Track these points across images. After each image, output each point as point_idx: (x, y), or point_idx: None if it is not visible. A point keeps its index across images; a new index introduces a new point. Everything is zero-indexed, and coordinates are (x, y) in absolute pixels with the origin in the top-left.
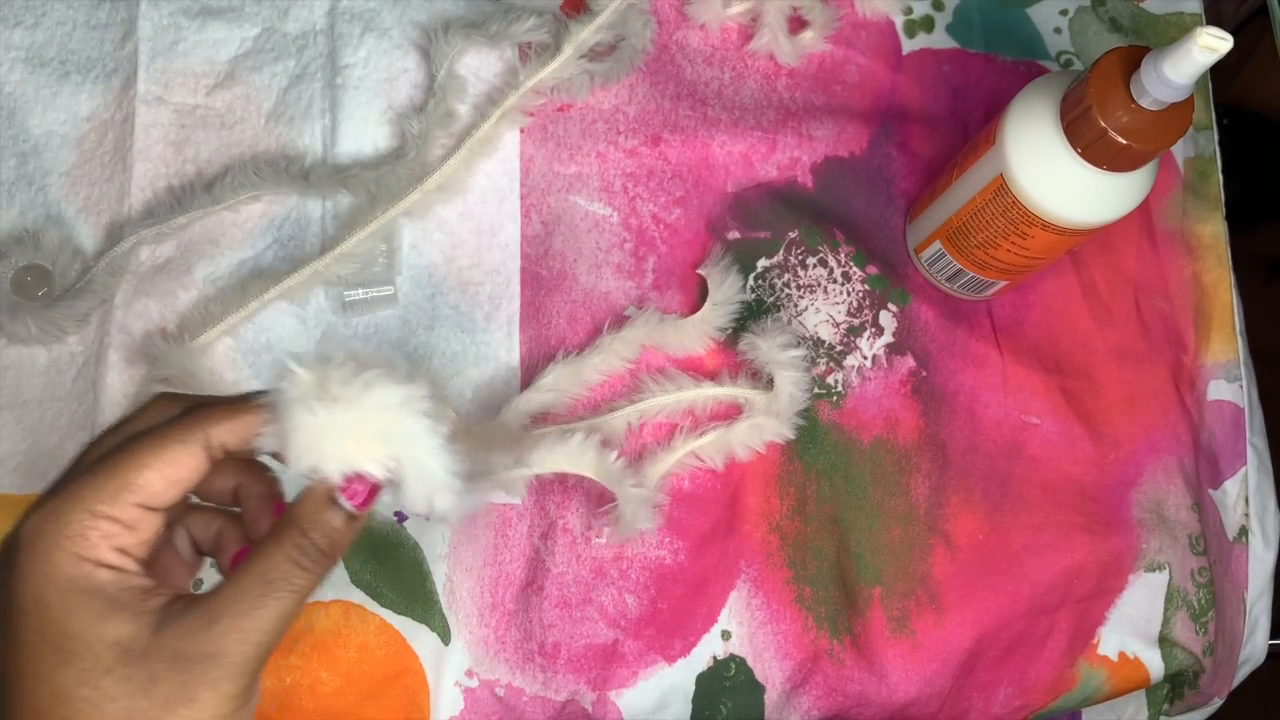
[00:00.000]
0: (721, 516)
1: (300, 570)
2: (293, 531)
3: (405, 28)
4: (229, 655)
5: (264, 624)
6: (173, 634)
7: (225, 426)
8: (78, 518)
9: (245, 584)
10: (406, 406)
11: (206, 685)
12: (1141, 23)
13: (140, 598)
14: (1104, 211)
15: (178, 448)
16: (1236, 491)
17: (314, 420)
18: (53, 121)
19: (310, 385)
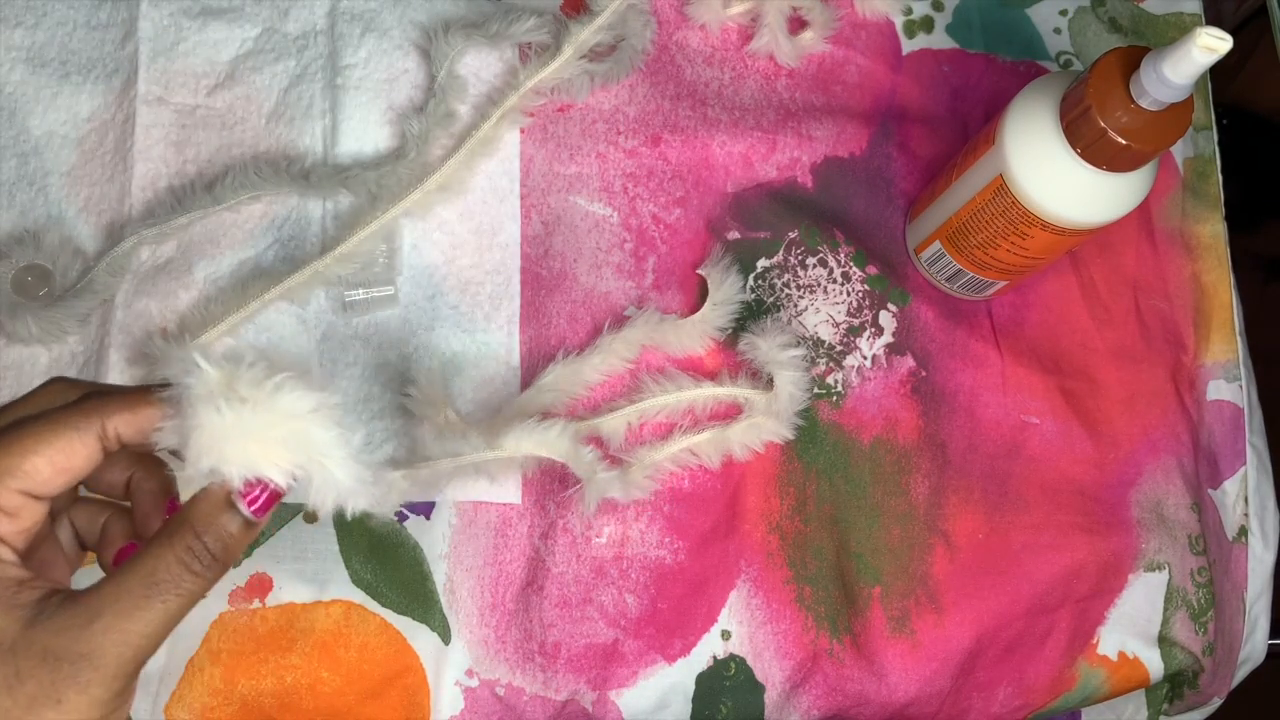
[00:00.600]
0: (721, 516)
1: (189, 574)
2: (185, 533)
3: (406, 28)
4: (104, 657)
5: (145, 626)
6: (45, 630)
7: (123, 417)
8: None
9: (129, 584)
10: (317, 414)
11: (76, 687)
12: (1141, 23)
13: (13, 590)
14: (1103, 212)
15: (70, 435)
16: (1236, 491)
17: (218, 420)
18: (53, 122)
19: (217, 383)
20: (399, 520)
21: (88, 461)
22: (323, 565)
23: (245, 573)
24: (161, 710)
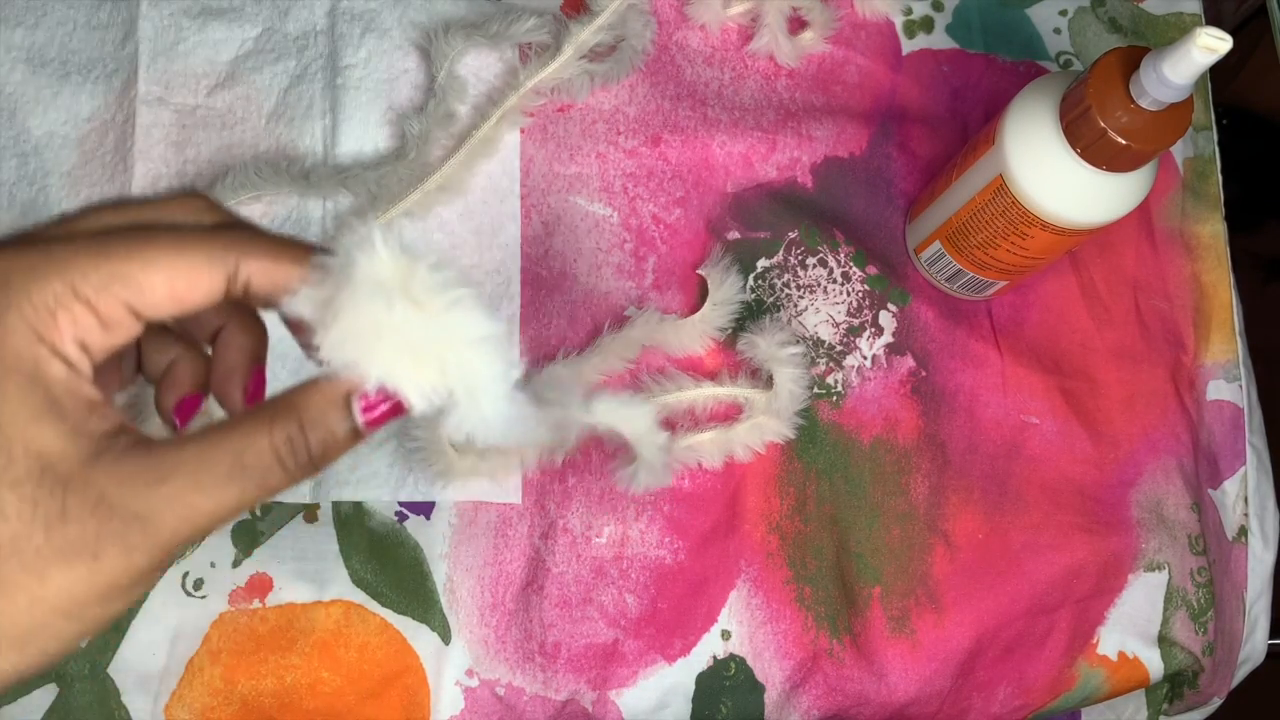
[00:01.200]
0: (721, 516)
1: (279, 467)
2: (289, 421)
3: (406, 28)
4: (162, 524)
5: (215, 507)
6: (107, 473)
7: (262, 263)
8: (53, 287)
9: (212, 456)
10: (486, 343)
11: (122, 547)
12: (1141, 23)
13: (84, 411)
14: (1103, 212)
15: (200, 261)
16: (1236, 491)
17: (379, 313)
18: (53, 122)
19: (390, 271)
20: (398, 520)
21: (207, 297)
22: (323, 565)
23: (245, 573)
24: (162, 710)
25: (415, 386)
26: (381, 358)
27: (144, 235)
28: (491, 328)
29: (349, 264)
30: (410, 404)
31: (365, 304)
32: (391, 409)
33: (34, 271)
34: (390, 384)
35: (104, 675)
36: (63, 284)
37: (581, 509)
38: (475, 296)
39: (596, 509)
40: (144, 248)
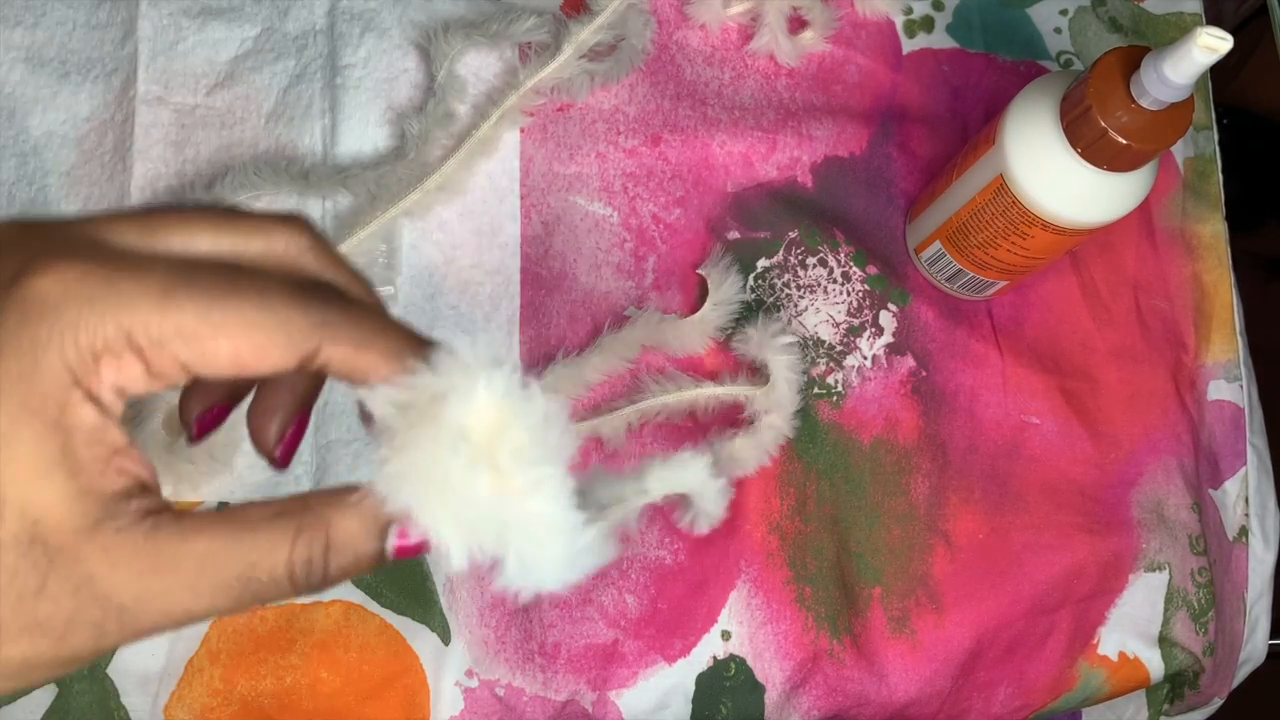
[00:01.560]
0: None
1: (288, 586)
2: (315, 540)
3: (405, 28)
4: (144, 618)
5: (206, 612)
6: (103, 552)
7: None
8: (105, 329)
9: (223, 562)
10: (560, 534)
11: (92, 634)
12: (1141, 22)
13: (100, 466)
14: (1104, 211)
15: (279, 338)
16: (1236, 491)
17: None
18: (53, 122)
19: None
20: None
21: (273, 370)
22: None
23: None
24: (161, 710)
25: (465, 550)
26: (438, 515)
27: (225, 287)
28: (570, 520)
29: (441, 399)
30: (456, 563)
31: (442, 454)
32: (422, 547)
33: (90, 306)
34: (443, 544)
35: (103, 676)
36: (117, 329)
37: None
38: (562, 478)
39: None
40: (220, 309)
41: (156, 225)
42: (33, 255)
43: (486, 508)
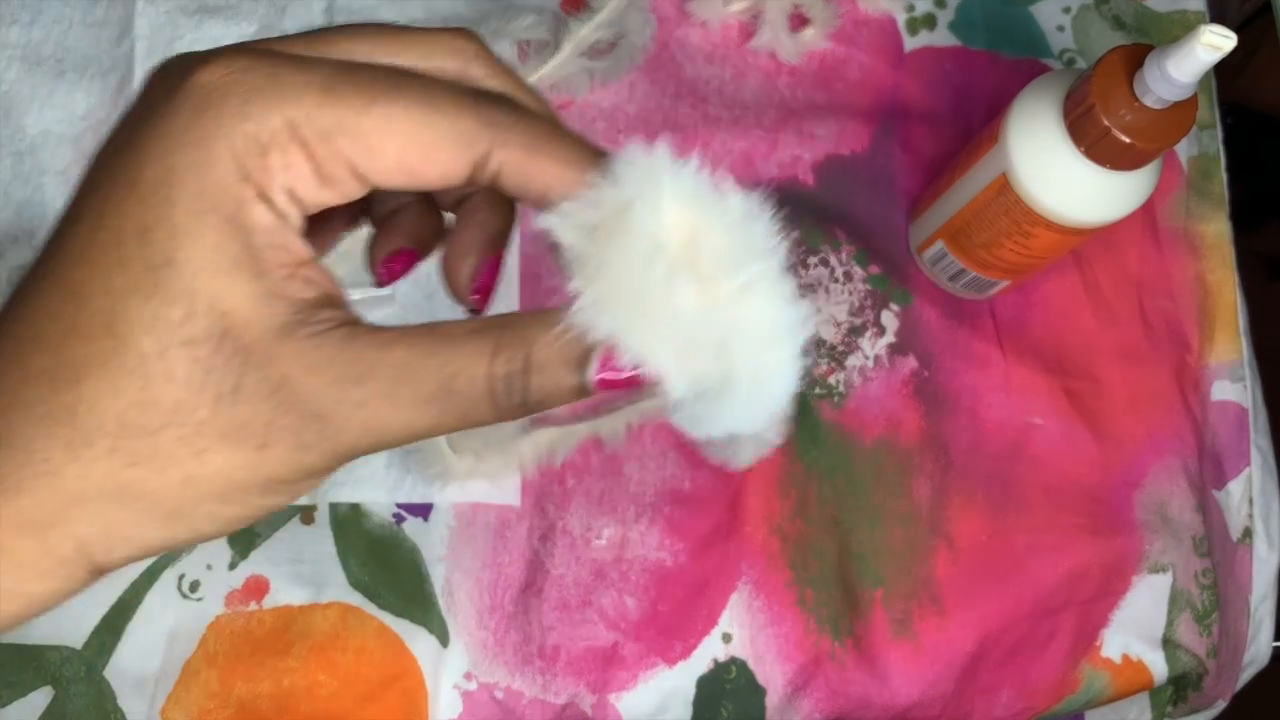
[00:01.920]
0: (722, 518)
1: (489, 404)
2: (515, 358)
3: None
4: (344, 432)
5: (407, 428)
6: (297, 355)
7: (521, 157)
8: (270, 120)
9: (420, 371)
10: (781, 336)
11: (293, 445)
12: (1145, 20)
13: (286, 272)
14: (1107, 211)
15: (446, 135)
16: (1240, 492)
17: (651, 286)
18: (49, 120)
19: (675, 233)
20: (396, 522)
21: (443, 178)
22: (320, 567)
23: (242, 575)
24: (158, 713)
25: (680, 374)
26: (645, 337)
27: (388, 84)
28: (791, 315)
29: (627, 207)
30: (668, 391)
31: (637, 269)
32: (632, 382)
33: (254, 95)
34: (654, 370)
35: (100, 678)
36: (282, 119)
37: (581, 511)
38: (776, 273)
39: (596, 511)
40: (385, 100)
41: (320, 38)
42: (203, 55)
43: (697, 322)
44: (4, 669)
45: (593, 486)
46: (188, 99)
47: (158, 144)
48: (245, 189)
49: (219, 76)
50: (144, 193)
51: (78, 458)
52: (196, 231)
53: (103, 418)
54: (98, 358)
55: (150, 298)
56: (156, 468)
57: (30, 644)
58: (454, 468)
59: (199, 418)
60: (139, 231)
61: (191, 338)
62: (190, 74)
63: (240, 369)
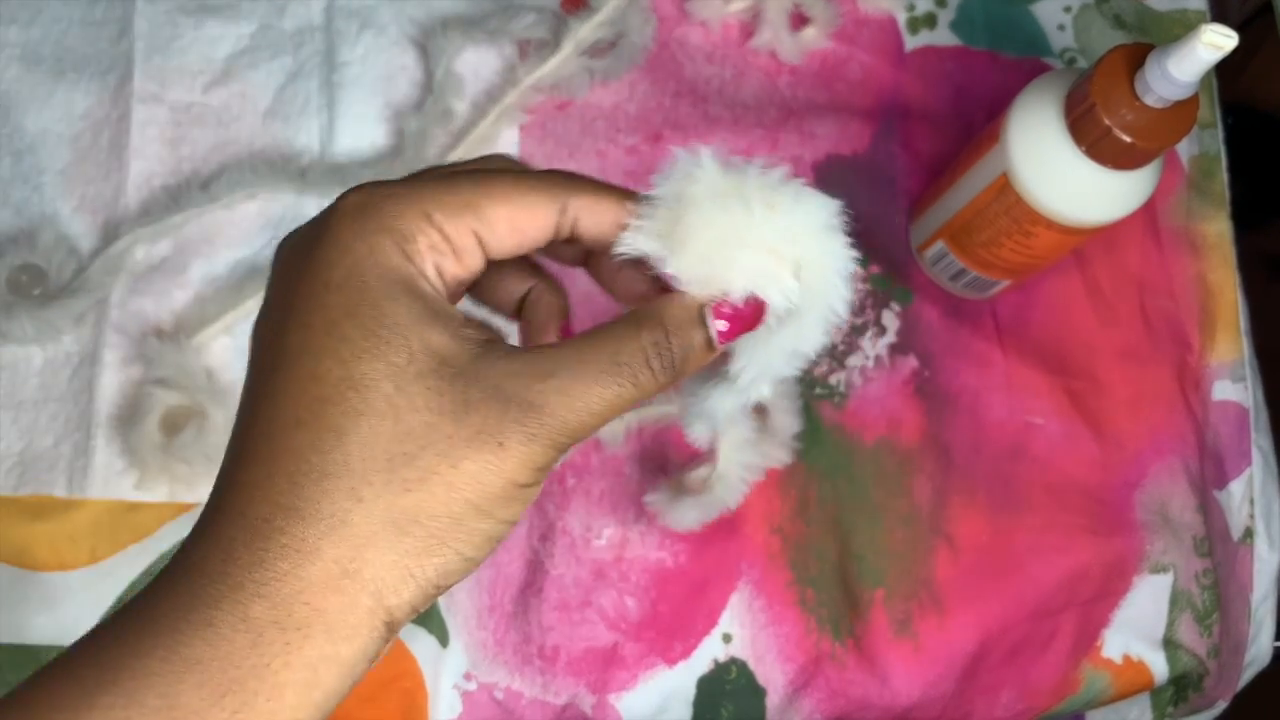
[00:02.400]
0: (722, 518)
1: (647, 369)
2: (656, 328)
3: (403, 24)
4: (556, 415)
5: (595, 402)
6: (495, 368)
7: (587, 201)
8: (412, 214)
9: (591, 355)
10: (834, 228)
11: (523, 435)
12: (1146, 20)
13: (458, 323)
14: (1108, 210)
15: (534, 197)
16: (1241, 492)
17: (733, 220)
18: (48, 119)
19: (722, 183)
20: None
21: (540, 233)
22: None
23: None
24: None
25: (778, 286)
26: (742, 264)
27: (485, 172)
28: (834, 207)
29: (687, 187)
30: (776, 304)
31: (717, 215)
32: (747, 319)
33: (395, 199)
34: (750, 291)
35: None
36: (419, 212)
37: (581, 511)
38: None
39: (596, 511)
40: (488, 183)
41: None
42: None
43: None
44: (3, 670)
45: (593, 486)
46: (345, 215)
47: (333, 251)
48: (410, 267)
49: (362, 197)
50: (339, 285)
51: (361, 499)
52: (392, 300)
53: (373, 457)
54: (352, 412)
55: (377, 355)
56: (426, 488)
57: (30, 644)
58: None
59: (447, 433)
60: (347, 314)
61: (420, 373)
62: (336, 204)
63: (464, 387)
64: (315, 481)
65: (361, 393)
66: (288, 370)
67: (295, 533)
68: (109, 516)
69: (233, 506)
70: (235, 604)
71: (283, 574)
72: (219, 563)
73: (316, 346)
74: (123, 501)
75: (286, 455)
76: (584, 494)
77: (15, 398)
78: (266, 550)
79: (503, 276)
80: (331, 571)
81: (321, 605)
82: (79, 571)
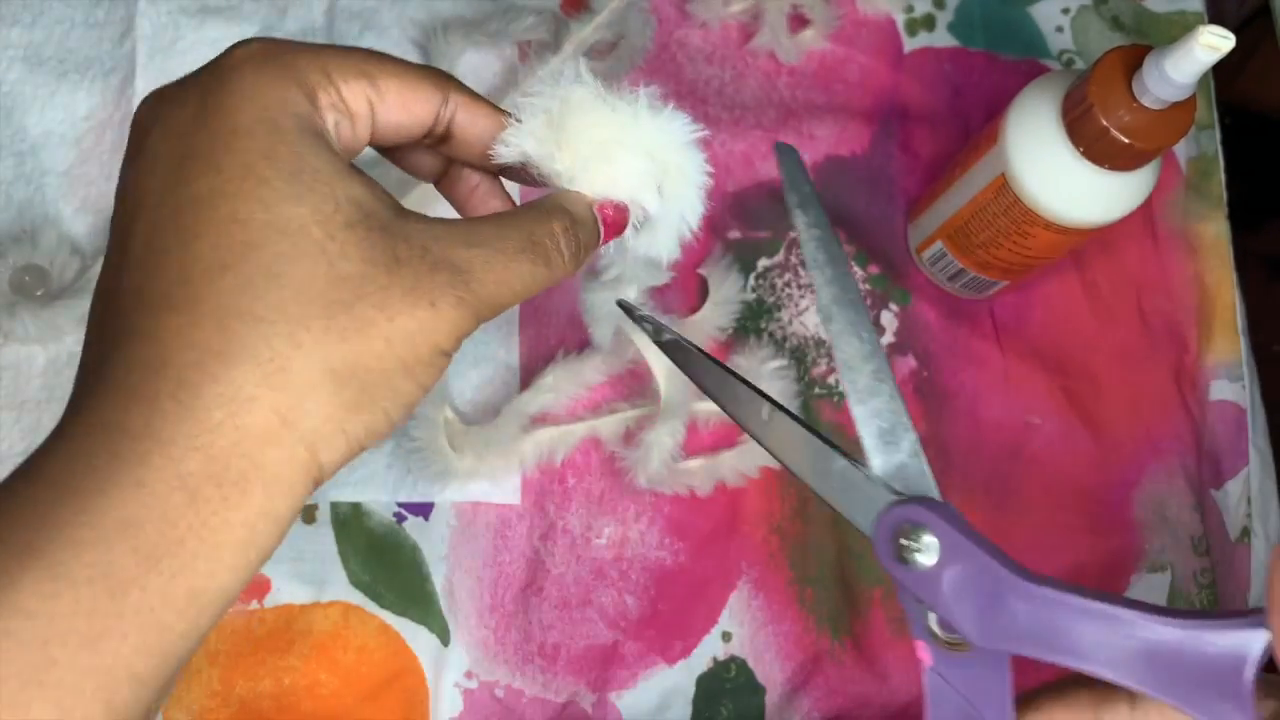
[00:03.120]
0: (722, 518)
1: (559, 253)
2: (564, 214)
3: (404, 26)
4: (482, 284)
5: (514, 280)
6: (421, 229)
7: (468, 99)
8: (315, 70)
9: (509, 231)
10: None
11: (453, 298)
12: (1143, 21)
13: (371, 179)
14: (1106, 211)
15: (423, 79)
16: (1239, 492)
17: (613, 123)
18: (51, 120)
19: (592, 93)
20: (397, 521)
21: (424, 117)
22: (321, 566)
23: None
24: (159, 712)
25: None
26: (625, 166)
27: (375, 52)
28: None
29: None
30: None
31: (604, 115)
32: (616, 220)
33: (297, 53)
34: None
35: None
36: (320, 67)
37: (581, 510)
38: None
39: (596, 510)
40: (379, 58)
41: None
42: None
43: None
44: None
45: (593, 486)
46: (247, 62)
47: (236, 97)
48: (319, 119)
49: (263, 46)
50: (249, 129)
51: (300, 345)
52: (311, 148)
53: (310, 302)
54: (285, 256)
55: (303, 199)
56: (362, 339)
57: None
58: (455, 467)
59: (381, 284)
60: (264, 156)
61: (349, 222)
62: (228, 53)
63: (392, 242)
64: (250, 325)
65: (291, 237)
66: (198, 214)
67: (230, 379)
68: None
69: (145, 358)
70: (167, 460)
71: (217, 424)
72: (140, 416)
73: (233, 190)
74: None
75: (211, 299)
76: (584, 494)
77: (18, 398)
78: (198, 399)
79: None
80: (270, 421)
81: (260, 459)
82: None
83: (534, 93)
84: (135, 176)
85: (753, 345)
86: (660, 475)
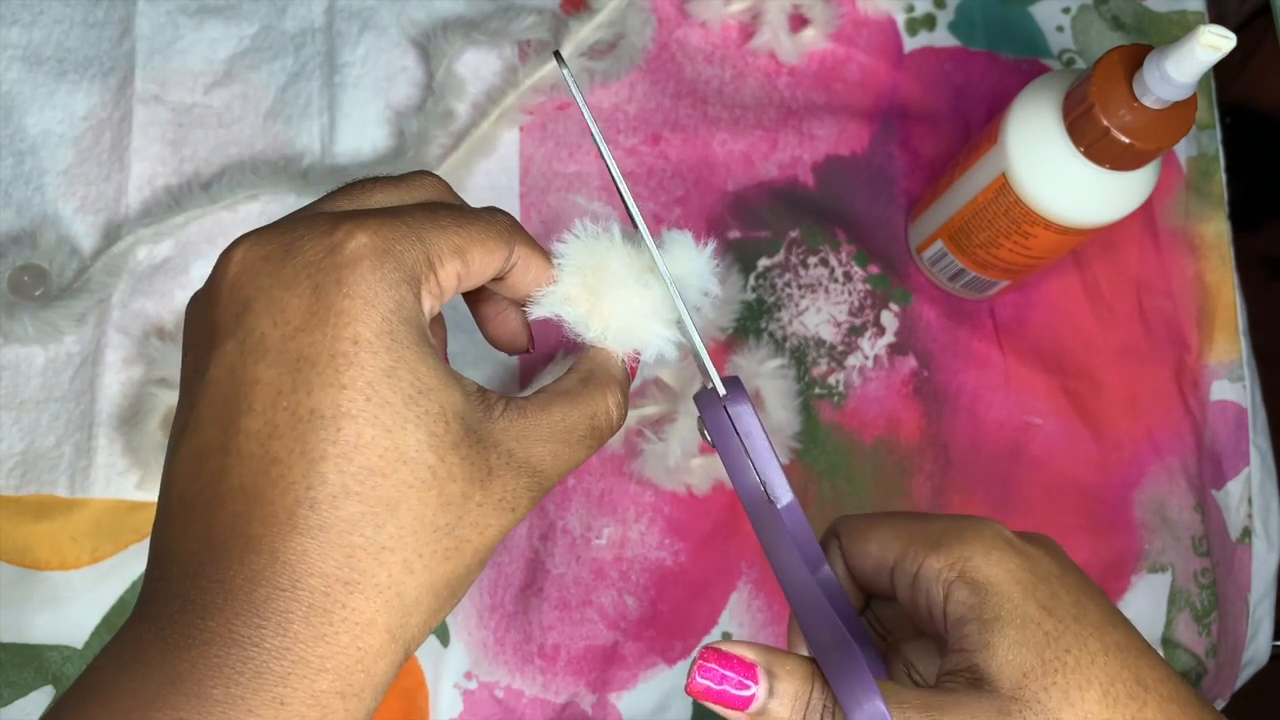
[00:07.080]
0: (722, 518)
1: (610, 428)
2: (615, 388)
3: (404, 26)
4: (550, 478)
5: (575, 462)
6: (502, 431)
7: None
8: (422, 262)
9: (574, 420)
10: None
11: (529, 500)
12: (1144, 21)
13: (458, 375)
14: (1106, 211)
15: (499, 243)
16: (1239, 492)
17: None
18: (50, 120)
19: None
20: None
21: (490, 276)
22: None
23: None
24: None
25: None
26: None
27: (461, 213)
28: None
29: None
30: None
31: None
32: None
33: (407, 242)
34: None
35: None
36: (424, 260)
37: (581, 510)
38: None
39: (596, 510)
40: (468, 226)
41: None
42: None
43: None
44: (5, 669)
45: (593, 486)
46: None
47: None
48: (423, 318)
49: (379, 241)
50: (371, 342)
51: (412, 571)
52: (423, 359)
53: (423, 530)
54: (404, 484)
55: (420, 424)
56: (460, 557)
57: (31, 644)
58: None
59: (477, 501)
60: (385, 375)
61: (455, 442)
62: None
63: (485, 453)
64: (373, 555)
65: (410, 465)
66: (322, 433)
67: (355, 606)
68: (110, 516)
69: (272, 577)
70: (303, 680)
71: (344, 647)
72: (275, 636)
73: (356, 412)
74: (124, 501)
75: (339, 527)
76: (584, 494)
77: (17, 398)
78: (329, 625)
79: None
80: (384, 640)
81: (373, 669)
82: (81, 571)
83: (568, 249)
84: (233, 347)
85: (752, 345)
86: (663, 471)
